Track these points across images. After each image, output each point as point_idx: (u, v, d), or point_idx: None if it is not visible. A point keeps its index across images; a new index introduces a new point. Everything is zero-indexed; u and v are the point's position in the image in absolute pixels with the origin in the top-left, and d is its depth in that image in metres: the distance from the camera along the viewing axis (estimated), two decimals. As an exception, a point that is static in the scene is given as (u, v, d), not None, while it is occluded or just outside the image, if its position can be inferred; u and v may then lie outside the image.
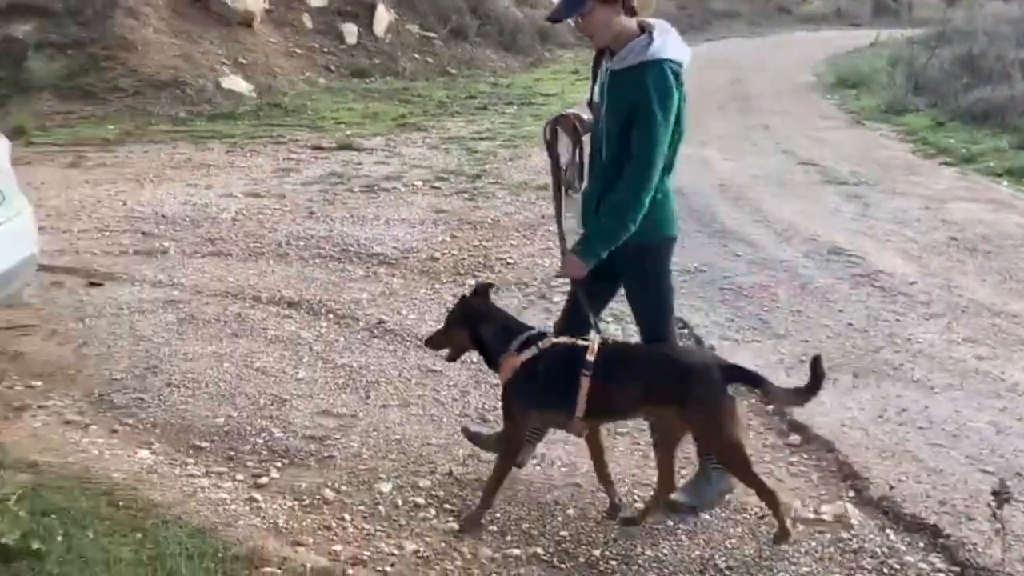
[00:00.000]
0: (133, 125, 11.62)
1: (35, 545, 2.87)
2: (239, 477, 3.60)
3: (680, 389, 3.02)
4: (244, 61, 14.21)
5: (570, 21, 3.47)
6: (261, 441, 3.87)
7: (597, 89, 3.26)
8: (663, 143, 3.06)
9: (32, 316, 5.30)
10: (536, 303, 5.58)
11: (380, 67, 15.93)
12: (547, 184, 8.09)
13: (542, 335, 3.21)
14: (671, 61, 3.06)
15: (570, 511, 3.40)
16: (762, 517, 3.28)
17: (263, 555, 2.98)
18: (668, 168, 3.19)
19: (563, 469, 3.67)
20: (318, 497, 3.44)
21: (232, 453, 3.79)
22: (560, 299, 5.53)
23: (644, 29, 3.12)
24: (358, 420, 4.08)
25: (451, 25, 17.73)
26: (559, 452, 3.76)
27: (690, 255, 6.17)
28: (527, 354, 3.14)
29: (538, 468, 3.67)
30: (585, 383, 3.04)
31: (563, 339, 3.20)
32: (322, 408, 4.18)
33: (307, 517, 3.33)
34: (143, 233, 7.11)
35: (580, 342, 3.15)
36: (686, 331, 5.02)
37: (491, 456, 3.47)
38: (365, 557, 3.07)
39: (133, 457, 3.72)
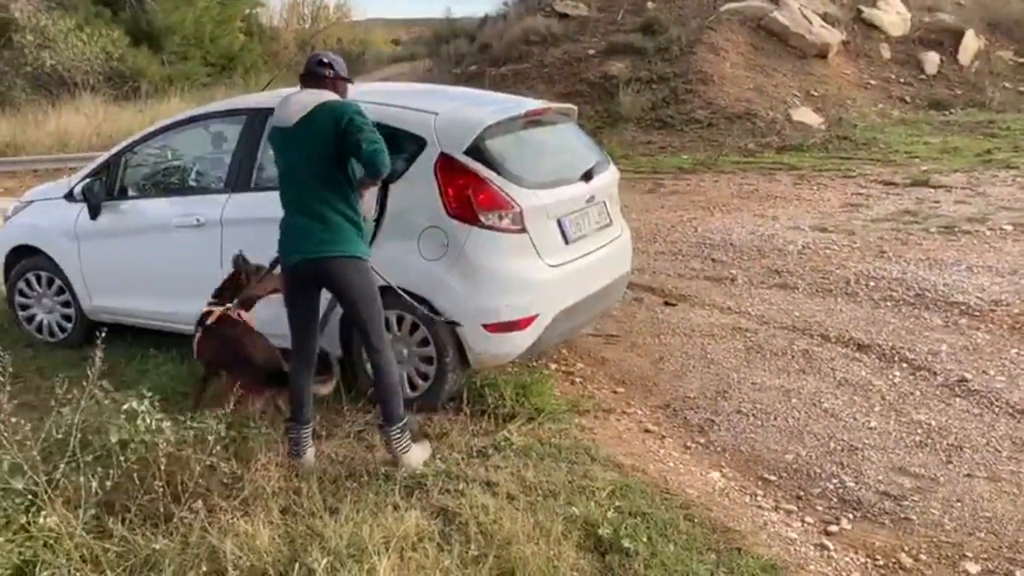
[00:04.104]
0: (705, 155, 12.28)
1: (625, 543, 3.12)
2: (808, 519, 3.53)
3: None
4: (815, 93, 14.15)
5: None
6: (831, 487, 3.75)
7: None
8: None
9: (616, 327, 5.85)
10: None
11: (962, 98, 14.65)
12: None
13: None
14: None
15: None
16: None
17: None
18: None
19: None
20: (894, 560, 3.22)
21: (801, 493, 3.73)
22: None
23: None
24: (938, 485, 3.74)
25: (1055, 49, 15.63)
26: None
27: None
28: None
29: None
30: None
31: None
32: (896, 464, 3.91)
33: (881, 579, 3.14)
34: (712, 260, 7.44)
35: None
36: None
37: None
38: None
39: (705, 477, 3.87)
